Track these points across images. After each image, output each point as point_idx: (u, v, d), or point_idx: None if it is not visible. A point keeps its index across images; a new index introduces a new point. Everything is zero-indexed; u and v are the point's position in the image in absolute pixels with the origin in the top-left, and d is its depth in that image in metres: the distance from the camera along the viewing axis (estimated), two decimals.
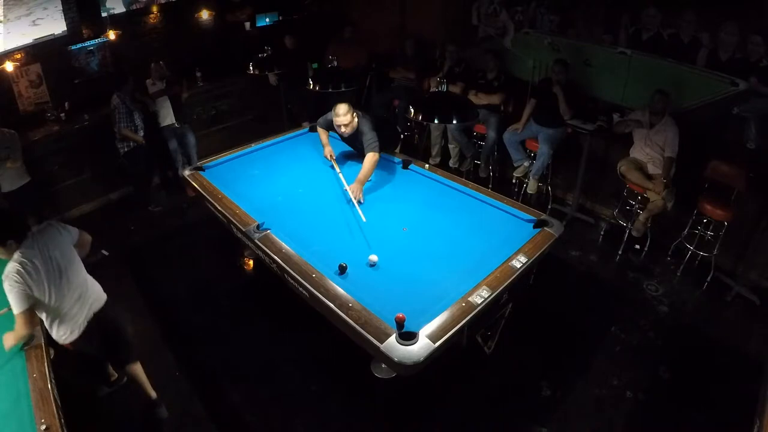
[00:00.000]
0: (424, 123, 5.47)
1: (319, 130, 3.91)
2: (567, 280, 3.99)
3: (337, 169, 3.55)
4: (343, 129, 3.53)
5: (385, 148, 3.96)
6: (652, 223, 4.09)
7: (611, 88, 4.46)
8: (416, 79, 5.53)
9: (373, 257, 2.65)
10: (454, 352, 2.44)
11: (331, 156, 3.75)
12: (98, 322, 2.55)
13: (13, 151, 3.92)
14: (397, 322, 2.18)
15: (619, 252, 4.25)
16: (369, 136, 3.44)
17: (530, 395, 2.98)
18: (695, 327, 3.53)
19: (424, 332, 2.14)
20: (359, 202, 3.18)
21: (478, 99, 4.85)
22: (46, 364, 2.16)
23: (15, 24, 4.40)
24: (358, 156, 3.55)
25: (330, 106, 3.69)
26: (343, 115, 3.45)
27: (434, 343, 2.10)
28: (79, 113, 4.91)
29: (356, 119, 3.52)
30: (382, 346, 2.09)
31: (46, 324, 2.40)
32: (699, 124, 3.92)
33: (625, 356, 3.25)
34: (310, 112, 5.75)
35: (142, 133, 4.69)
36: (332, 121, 3.58)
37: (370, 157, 3.36)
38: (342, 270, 2.58)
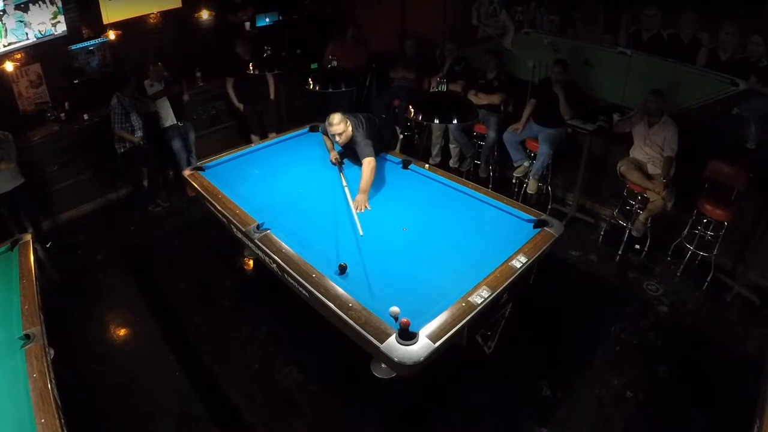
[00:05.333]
0: (425, 123, 5.46)
1: (323, 137, 3.93)
2: (567, 280, 3.99)
3: (343, 181, 3.50)
4: (337, 138, 3.54)
5: (385, 148, 3.97)
6: (652, 223, 4.09)
7: (611, 88, 4.45)
8: (416, 79, 5.52)
9: (395, 309, 2.28)
10: (454, 352, 2.44)
11: (336, 160, 3.75)
12: None
13: (7, 152, 3.91)
14: (401, 327, 2.16)
15: (619, 252, 4.25)
16: (362, 144, 3.44)
17: (530, 395, 2.98)
18: (695, 327, 3.53)
19: (424, 332, 2.14)
20: (365, 210, 3.17)
21: (478, 99, 4.86)
22: (46, 364, 2.15)
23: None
24: (358, 161, 3.56)
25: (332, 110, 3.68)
26: (336, 124, 3.46)
27: (434, 343, 2.10)
28: (79, 113, 4.90)
29: (350, 128, 3.52)
30: (382, 346, 2.09)
31: None
32: (699, 124, 3.92)
33: (625, 356, 3.25)
34: (276, 125, 5.71)
35: (140, 134, 4.68)
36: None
37: (367, 164, 3.35)
38: (342, 270, 2.58)
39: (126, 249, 4.50)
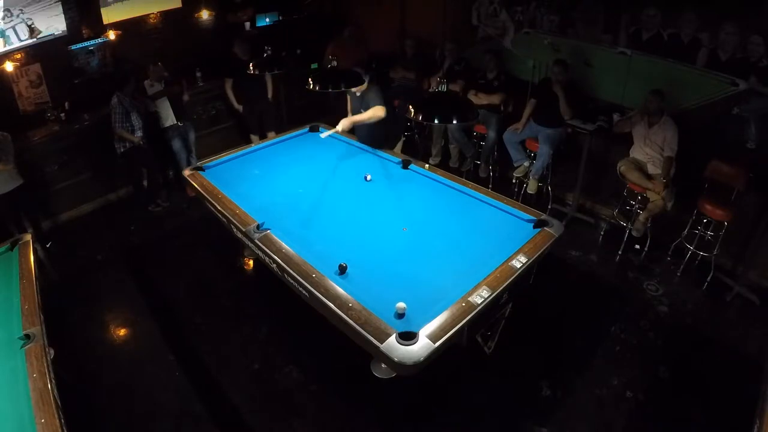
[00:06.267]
0: (425, 123, 5.46)
1: (348, 97, 4.20)
2: (567, 280, 3.99)
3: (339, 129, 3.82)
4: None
5: (388, 144, 4.04)
6: (652, 223, 4.09)
7: (611, 88, 4.46)
8: (416, 79, 5.52)
9: (401, 305, 2.33)
10: (454, 352, 2.44)
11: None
12: None
13: (5, 153, 3.89)
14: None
15: (619, 252, 4.25)
16: (376, 98, 3.80)
17: (530, 395, 2.98)
18: (695, 327, 3.52)
19: (424, 332, 2.14)
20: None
21: (478, 99, 4.86)
22: (46, 364, 2.16)
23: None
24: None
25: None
26: None
27: (434, 343, 2.10)
28: (79, 113, 4.91)
29: (366, 81, 3.79)
30: (382, 346, 2.09)
31: None
32: (699, 124, 3.92)
33: (625, 356, 3.25)
34: (275, 125, 5.71)
35: (140, 134, 4.68)
36: None
37: (372, 109, 3.74)
38: (342, 270, 2.58)
39: (126, 249, 4.50)
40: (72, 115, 4.88)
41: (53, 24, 4.66)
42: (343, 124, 3.78)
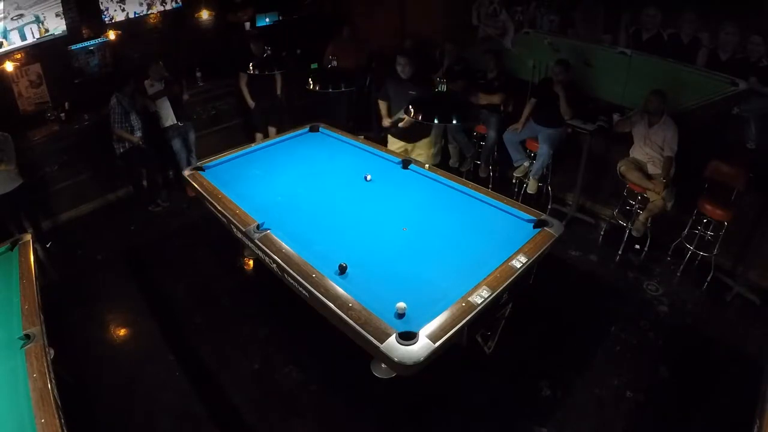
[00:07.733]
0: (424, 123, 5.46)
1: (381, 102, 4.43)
2: (567, 280, 3.99)
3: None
4: (401, 67, 4.09)
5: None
6: (652, 223, 4.09)
7: (611, 88, 4.46)
8: None
9: (401, 305, 2.34)
10: (454, 352, 2.44)
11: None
12: None
13: (6, 153, 3.89)
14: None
15: (619, 252, 4.25)
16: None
17: (530, 395, 2.98)
18: (695, 327, 3.52)
19: (424, 332, 2.14)
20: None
21: (478, 99, 4.85)
22: (46, 364, 2.15)
23: None
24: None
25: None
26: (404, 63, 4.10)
27: (434, 343, 2.09)
28: (79, 113, 4.91)
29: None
30: (382, 346, 2.09)
31: None
32: (699, 124, 3.92)
33: (625, 356, 3.25)
34: (280, 121, 5.71)
35: (139, 134, 4.68)
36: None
37: None
38: (342, 270, 2.58)
39: (126, 249, 4.50)
40: (72, 115, 4.88)
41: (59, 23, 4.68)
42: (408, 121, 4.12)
